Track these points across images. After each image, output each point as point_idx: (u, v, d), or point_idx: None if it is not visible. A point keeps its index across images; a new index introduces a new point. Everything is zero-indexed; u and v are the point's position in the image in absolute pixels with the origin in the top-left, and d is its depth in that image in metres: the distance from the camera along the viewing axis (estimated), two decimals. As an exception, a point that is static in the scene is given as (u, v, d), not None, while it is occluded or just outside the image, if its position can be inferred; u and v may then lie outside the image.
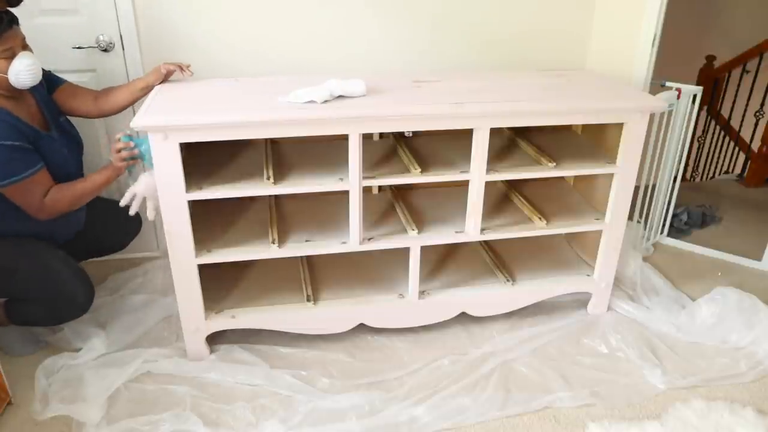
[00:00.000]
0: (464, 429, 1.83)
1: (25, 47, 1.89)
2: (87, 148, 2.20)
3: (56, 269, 1.99)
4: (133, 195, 1.93)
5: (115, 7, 2.29)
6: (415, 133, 2.38)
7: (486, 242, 2.50)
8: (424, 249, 2.11)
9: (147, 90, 2.09)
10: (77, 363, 2.02)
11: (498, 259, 2.41)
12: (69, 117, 2.13)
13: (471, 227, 2.11)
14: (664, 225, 2.97)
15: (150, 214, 1.96)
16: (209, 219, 2.16)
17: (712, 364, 2.10)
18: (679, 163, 2.83)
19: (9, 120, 1.85)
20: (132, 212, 1.95)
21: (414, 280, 2.13)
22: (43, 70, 2.03)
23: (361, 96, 1.94)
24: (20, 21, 1.87)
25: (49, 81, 2.07)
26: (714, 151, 4.44)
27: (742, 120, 4.19)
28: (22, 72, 1.84)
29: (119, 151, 1.93)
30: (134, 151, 1.92)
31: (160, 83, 2.09)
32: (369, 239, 2.06)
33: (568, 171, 2.13)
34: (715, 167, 4.49)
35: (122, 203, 1.94)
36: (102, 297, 2.37)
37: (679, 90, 2.59)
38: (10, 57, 1.83)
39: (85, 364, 2.02)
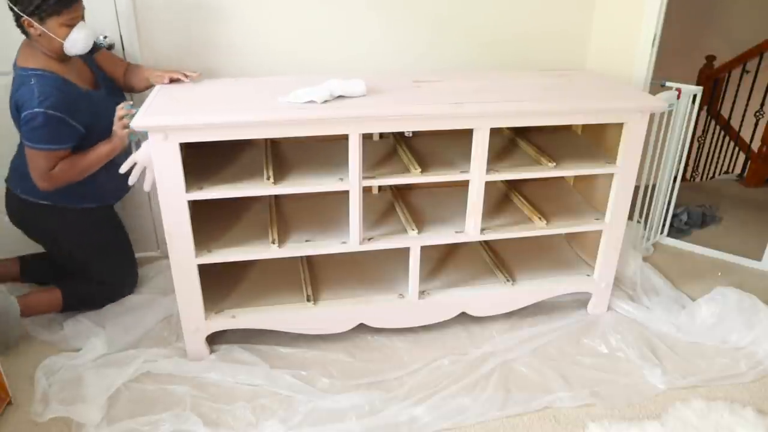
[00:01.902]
0: (464, 429, 1.83)
1: (83, 18, 1.98)
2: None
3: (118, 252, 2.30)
4: (134, 163, 1.93)
5: (115, 7, 2.30)
6: (415, 133, 2.38)
7: (486, 242, 2.50)
8: (424, 249, 2.11)
9: (149, 83, 2.16)
10: (77, 363, 2.02)
11: (498, 259, 2.41)
12: None
13: (471, 227, 2.11)
14: (664, 225, 2.97)
15: (146, 185, 1.95)
16: (209, 219, 2.16)
17: (712, 364, 2.10)
18: (679, 163, 2.83)
19: (62, 87, 1.96)
20: (131, 181, 1.94)
21: (414, 280, 2.13)
22: None
23: (361, 96, 1.94)
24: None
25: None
26: (714, 151, 4.44)
27: (742, 120, 4.19)
28: (79, 42, 1.96)
29: (121, 119, 1.98)
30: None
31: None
32: (369, 239, 2.06)
33: (568, 171, 2.13)
34: (715, 167, 4.49)
35: (122, 170, 1.95)
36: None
37: (679, 90, 2.59)
38: (72, 26, 1.93)
39: (85, 364, 2.02)
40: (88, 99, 2.04)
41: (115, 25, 2.32)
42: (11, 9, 1.88)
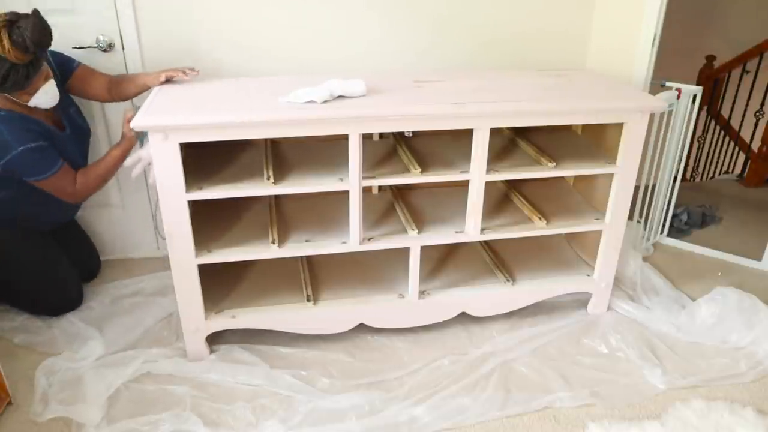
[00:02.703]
0: (464, 429, 1.83)
1: (48, 76, 1.96)
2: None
3: (56, 273, 2.20)
4: (138, 159, 1.97)
5: (115, 7, 2.29)
6: (415, 133, 2.38)
7: (486, 242, 2.50)
8: (424, 249, 2.11)
9: (146, 87, 2.13)
10: (77, 364, 2.02)
11: (498, 259, 2.41)
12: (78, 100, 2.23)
13: (471, 227, 2.11)
14: (664, 225, 2.97)
15: (151, 179, 1.96)
16: (209, 219, 2.16)
17: (712, 364, 2.10)
18: (679, 163, 2.83)
19: (27, 125, 1.95)
20: (133, 175, 1.99)
21: (414, 280, 2.13)
22: (56, 54, 2.11)
23: (361, 96, 1.94)
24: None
25: (63, 67, 2.12)
26: (714, 151, 4.44)
27: (742, 120, 4.19)
28: (45, 101, 1.97)
29: (129, 120, 1.97)
30: None
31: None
32: (369, 239, 2.06)
33: (568, 171, 2.13)
34: (715, 167, 4.49)
35: (126, 164, 2.01)
36: (102, 297, 2.38)
37: (679, 90, 2.59)
38: (35, 92, 1.93)
39: (85, 364, 2.02)
40: (54, 138, 2.03)
41: (115, 25, 2.32)
42: None
